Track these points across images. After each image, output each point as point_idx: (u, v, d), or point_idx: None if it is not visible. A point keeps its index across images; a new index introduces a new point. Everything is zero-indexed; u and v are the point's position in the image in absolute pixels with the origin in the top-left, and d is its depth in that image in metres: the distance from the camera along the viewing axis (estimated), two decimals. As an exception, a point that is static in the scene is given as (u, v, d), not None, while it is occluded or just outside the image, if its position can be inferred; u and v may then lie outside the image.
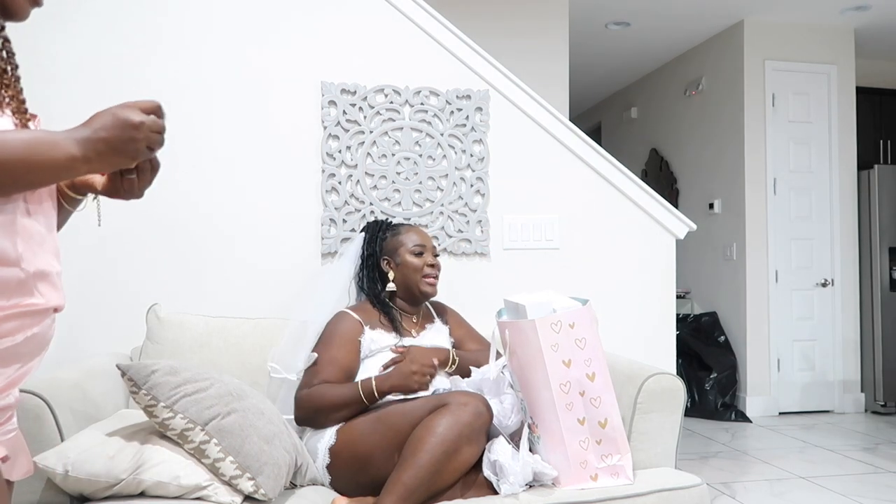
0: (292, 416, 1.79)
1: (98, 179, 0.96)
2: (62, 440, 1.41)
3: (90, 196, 1.00)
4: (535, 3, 3.70)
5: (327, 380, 1.72)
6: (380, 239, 1.98)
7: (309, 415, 1.68)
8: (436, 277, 1.93)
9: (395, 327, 1.85)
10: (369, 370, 1.77)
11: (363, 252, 1.98)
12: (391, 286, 1.93)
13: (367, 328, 1.82)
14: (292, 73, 2.23)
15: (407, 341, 1.85)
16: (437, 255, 1.97)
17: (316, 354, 1.77)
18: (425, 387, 1.67)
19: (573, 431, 1.57)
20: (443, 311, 2.04)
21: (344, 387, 1.68)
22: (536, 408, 1.61)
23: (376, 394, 1.65)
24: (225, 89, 2.18)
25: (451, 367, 1.83)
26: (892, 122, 4.93)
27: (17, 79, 0.90)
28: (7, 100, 0.86)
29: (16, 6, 0.87)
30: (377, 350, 1.80)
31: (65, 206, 1.00)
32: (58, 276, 0.87)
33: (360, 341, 1.80)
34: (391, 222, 2.05)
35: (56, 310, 0.87)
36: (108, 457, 1.34)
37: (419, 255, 1.91)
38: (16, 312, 0.79)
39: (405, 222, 2.04)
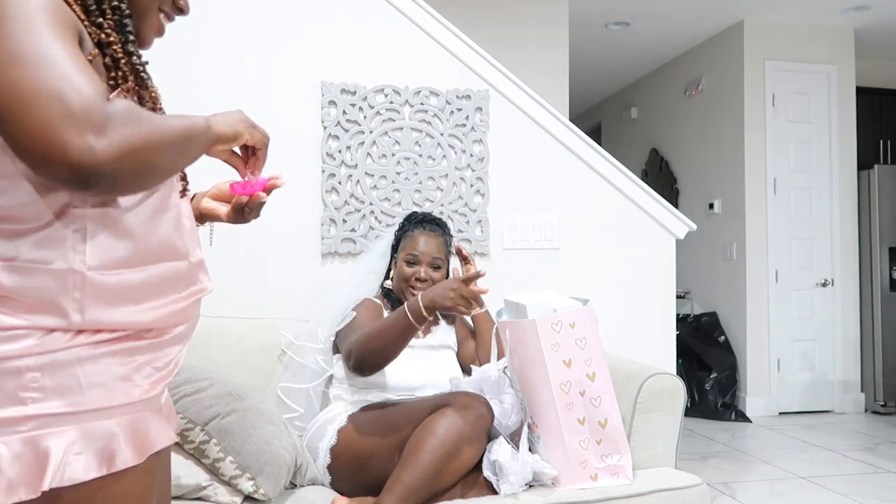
0: (303, 386, 1.84)
1: (223, 210, 1.08)
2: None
3: (207, 223, 1.11)
4: (535, 4, 3.70)
5: None
6: (404, 231, 1.95)
7: (366, 356, 1.62)
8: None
9: None
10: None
11: (394, 241, 1.98)
12: (388, 283, 1.94)
13: (386, 313, 1.84)
14: (292, 73, 2.23)
15: (415, 342, 1.85)
16: (437, 268, 1.88)
17: (354, 314, 1.76)
18: (459, 308, 1.57)
19: (573, 431, 1.57)
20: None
21: (388, 317, 1.64)
22: (536, 407, 1.61)
23: (422, 308, 1.56)
24: (225, 90, 2.18)
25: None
26: (892, 122, 4.93)
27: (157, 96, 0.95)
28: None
29: (143, 36, 0.93)
30: None
31: None
32: (205, 263, 0.96)
33: None
34: (422, 218, 1.96)
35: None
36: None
37: (410, 264, 1.87)
38: (191, 302, 0.88)
39: (426, 224, 1.94)
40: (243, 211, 1.03)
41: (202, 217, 1.09)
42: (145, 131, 0.71)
